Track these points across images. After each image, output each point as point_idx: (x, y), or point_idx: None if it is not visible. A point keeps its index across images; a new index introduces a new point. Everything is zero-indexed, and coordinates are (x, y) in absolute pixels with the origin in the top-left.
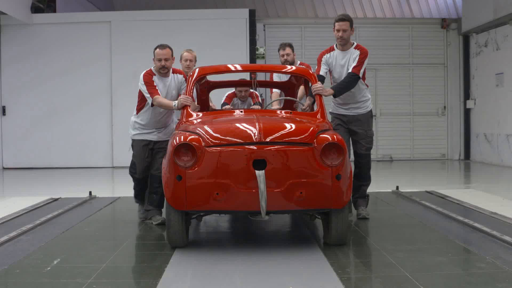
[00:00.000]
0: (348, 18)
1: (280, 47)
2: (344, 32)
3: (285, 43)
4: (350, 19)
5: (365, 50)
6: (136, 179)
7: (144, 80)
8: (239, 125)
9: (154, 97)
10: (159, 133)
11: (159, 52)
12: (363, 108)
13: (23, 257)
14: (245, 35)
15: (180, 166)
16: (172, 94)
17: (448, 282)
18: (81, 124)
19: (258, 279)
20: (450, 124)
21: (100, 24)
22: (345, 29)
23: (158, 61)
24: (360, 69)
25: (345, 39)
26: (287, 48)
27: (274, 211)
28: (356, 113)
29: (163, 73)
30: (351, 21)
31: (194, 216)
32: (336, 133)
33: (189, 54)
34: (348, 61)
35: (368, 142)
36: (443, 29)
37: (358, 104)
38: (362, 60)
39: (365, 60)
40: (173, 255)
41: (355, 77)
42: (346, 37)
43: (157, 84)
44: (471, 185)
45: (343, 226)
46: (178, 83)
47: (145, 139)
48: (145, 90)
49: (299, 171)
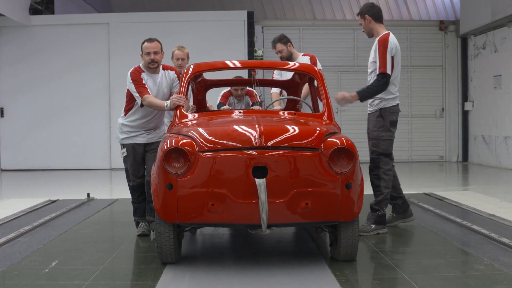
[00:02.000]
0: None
1: (272, 45)
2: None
3: (274, 39)
4: (359, 13)
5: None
6: (130, 186)
7: (132, 78)
8: (237, 128)
9: (144, 97)
10: (149, 135)
11: (147, 46)
12: (372, 106)
13: (21, 259)
14: (243, 37)
15: (171, 173)
16: (163, 92)
17: (446, 284)
18: (79, 125)
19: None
20: (448, 126)
21: (98, 26)
22: (360, 24)
23: (146, 55)
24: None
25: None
26: (277, 45)
27: (276, 224)
28: (368, 111)
29: (152, 68)
30: (360, 14)
31: (187, 229)
32: (346, 136)
33: (180, 53)
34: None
35: (372, 144)
36: (441, 31)
37: (369, 101)
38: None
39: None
40: None
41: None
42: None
43: (146, 82)
44: (469, 187)
45: (354, 241)
46: (169, 80)
47: (133, 142)
48: (134, 89)
49: (304, 179)
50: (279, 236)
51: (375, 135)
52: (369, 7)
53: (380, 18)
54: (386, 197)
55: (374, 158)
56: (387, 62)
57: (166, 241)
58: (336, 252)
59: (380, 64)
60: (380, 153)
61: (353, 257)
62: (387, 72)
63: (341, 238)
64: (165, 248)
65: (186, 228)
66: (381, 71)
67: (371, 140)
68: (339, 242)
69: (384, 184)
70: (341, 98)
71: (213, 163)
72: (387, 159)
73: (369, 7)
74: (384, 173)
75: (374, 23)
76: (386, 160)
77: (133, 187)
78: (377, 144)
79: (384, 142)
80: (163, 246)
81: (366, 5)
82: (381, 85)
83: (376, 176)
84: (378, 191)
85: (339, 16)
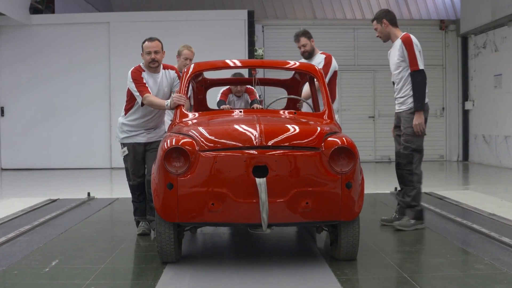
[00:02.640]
0: (373, 18)
1: (294, 38)
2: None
3: (298, 33)
4: (374, 17)
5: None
6: (130, 185)
7: (132, 77)
8: (238, 127)
9: (145, 96)
10: (149, 134)
11: (148, 45)
12: (404, 104)
13: (21, 258)
14: (244, 36)
15: (171, 172)
16: (164, 91)
17: (446, 284)
18: (80, 125)
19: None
20: (448, 126)
21: (99, 25)
22: (375, 28)
23: (147, 54)
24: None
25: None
26: (301, 38)
27: (277, 224)
28: (398, 110)
29: (153, 67)
30: (376, 19)
31: (187, 228)
32: (347, 136)
33: (189, 53)
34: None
35: (405, 140)
36: (441, 31)
37: (401, 100)
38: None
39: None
40: None
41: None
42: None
43: (147, 81)
44: (470, 186)
45: (354, 240)
46: (170, 79)
47: (134, 142)
48: (134, 89)
49: (305, 178)
50: (280, 236)
51: (409, 131)
52: (386, 12)
53: (396, 23)
54: (419, 192)
55: (408, 154)
56: (417, 58)
57: (166, 240)
58: (336, 251)
59: (411, 62)
60: (414, 149)
61: (353, 256)
62: (420, 67)
63: (342, 237)
64: (166, 248)
65: (187, 227)
66: (414, 68)
67: (404, 137)
68: (339, 242)
69: (417, 178)
70: (419, 125)
71: (214, 162)
72: (420, 154)
73: (386, 12)
74: (417, 168)
75: (391, 27)
76: (419, 155)
77: (133, 186)
78: (411, 140)
79: (417, 139)
80: (164, 245)
81: (382, 10)
82: (422, 82)
83: (409, 171)
84: (411, 186)
85: (339, 15)
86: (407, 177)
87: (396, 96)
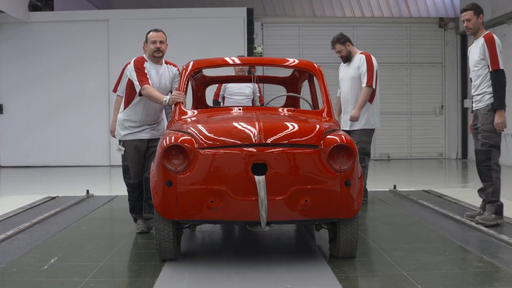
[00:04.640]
0: (469, 8)
1: (331, 45)
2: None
3: (333, 40)
4: (472, 8)
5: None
6: (131, 184)
7: (135, 66)
8: (237, 125)
9: (144, 86)
10: (152, 130)
11: (153, 34)
12: (482, 101)
13: (20, 256)
14: (243, 34)
15: (170, 170)
16: (166, 85)
17: (445, 281)
18: (79, 122)
19: (253, 277)
20: (447, 123)
21: (98, 23)
22: (468, 18)
23: (152, 44)
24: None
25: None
26: (336, 45)
27: (276, 221)
28: (475, 107)
29: (157, 57)
30: (474, 9)
31: (186, 226)
32: (345, 134)
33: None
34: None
35: (483, 137)
36: (440, 28)
37: (478, 97)
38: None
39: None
40: None
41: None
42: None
43: (149, 71)
44: (469, 184)
45: (353, 238)
46: (172, 74)
47: (137, 138)
48: (135, 77)
49: (304, 176)
50: (279, 233)
51: (488, 128)
52: (477, 5)
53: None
54: (498, 187)
55: (486, 150)
56: (498, 58)
57: (165, 238)
58: (335, 249)
59: (492, 61)
60: (492, 145)
61: (352, 254)
62: (500, 67)
63: (341, 235)
64: (165, 245)
65: (186, 225)
66: (495, 68)
67: (482, 133)
68: (338, 239)
69: (495, 174)
70: (502, 123)
71: (213, 160)
72: (497, 150)
73: (477, 5)
74: (495, 164)
75: (480, 25)
76: (497, 151)
77: (134, 185)
78: (490, 136)
79: (496, 135)
80: (163, 243)
81: (473, 4)
82: (503, 81)
83: (488, 167)
84: (490, 181)
85: (338, 13)
86: (485, 173)
87: (474, 94)
